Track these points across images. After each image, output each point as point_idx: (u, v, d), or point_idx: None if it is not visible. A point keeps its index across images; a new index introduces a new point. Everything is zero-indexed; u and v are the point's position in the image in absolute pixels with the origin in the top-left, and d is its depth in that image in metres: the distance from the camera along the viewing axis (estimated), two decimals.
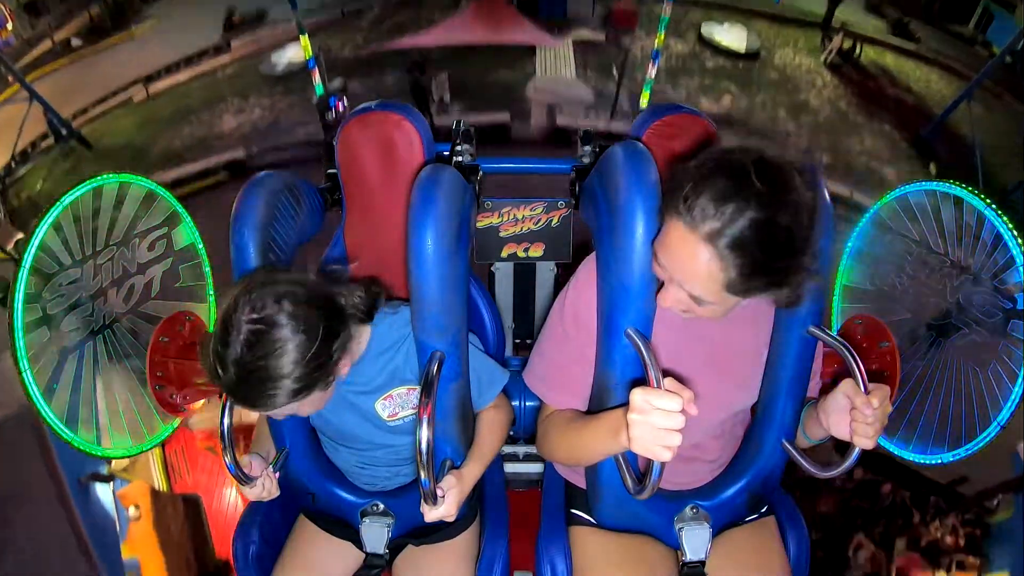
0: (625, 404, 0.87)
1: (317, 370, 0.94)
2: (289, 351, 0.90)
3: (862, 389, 0.95)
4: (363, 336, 1.08)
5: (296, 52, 5.99)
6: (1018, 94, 6.29)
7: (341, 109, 5.43)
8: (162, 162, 5.51)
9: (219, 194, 5.23)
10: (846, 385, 0.97)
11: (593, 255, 1.10)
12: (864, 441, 0.95)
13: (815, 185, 0.86)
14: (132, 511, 2.49)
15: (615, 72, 6.49)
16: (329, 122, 5.48)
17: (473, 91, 6.34)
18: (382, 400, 1.13)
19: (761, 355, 1.11)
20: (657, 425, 0.82)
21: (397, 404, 1.13)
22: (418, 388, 1.03)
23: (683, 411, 0.83)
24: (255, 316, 0.89)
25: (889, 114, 6.36)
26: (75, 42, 7.28)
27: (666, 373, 0.86)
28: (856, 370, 0.98)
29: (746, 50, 7.69)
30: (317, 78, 5.39)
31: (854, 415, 0.95)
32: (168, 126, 6.04)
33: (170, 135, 5.95)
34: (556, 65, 7.07)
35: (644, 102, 5.57)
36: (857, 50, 7.51)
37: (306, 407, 0.99)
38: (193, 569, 2.69)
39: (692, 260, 0.85)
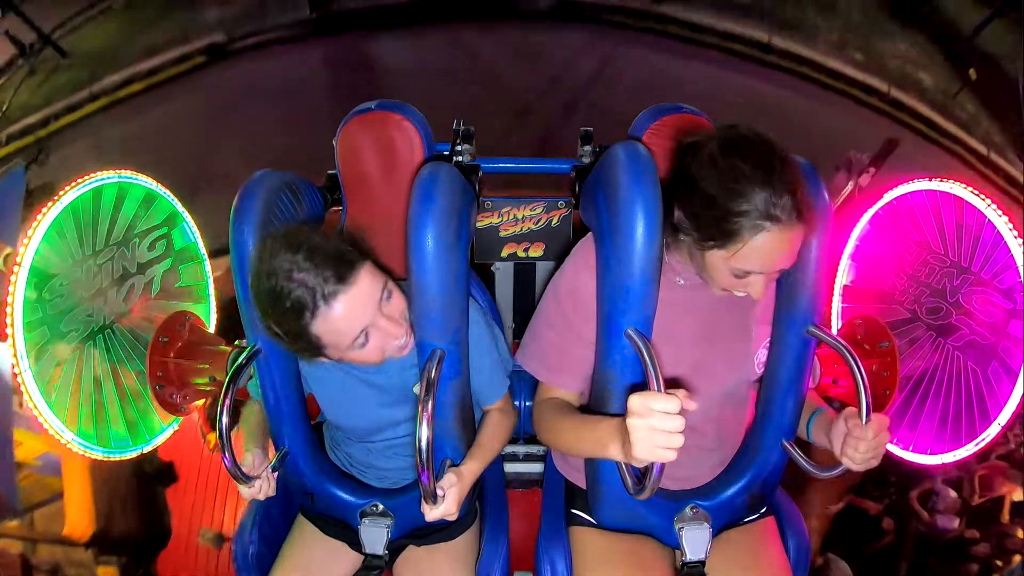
0: (623, 409, 0.87)
1: (355, 244, 1.00)
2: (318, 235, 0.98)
3: (863, 415, 0.98)
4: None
5: None
6: None
7: None
8: (140, 55, 5.07)
9: (198, 76, 4.94)
10: (848, 413, 1.01)
11: (590, 235, 1.10)
12: (850, 464, 0.99)
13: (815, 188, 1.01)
14: None
15: None
16: None
17: None
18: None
19: (750, 332, 1.12)
20: (657, 427, 0.83)
21: None
22: None
23: (682, 412, 0.83)
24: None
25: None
26: None
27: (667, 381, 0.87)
28: (856, 370, 1.00)
29: None
30: None
31: (847, 440, 0.99)
32: (148, 24, 5.43)
33: (149, 32, 5.36)
34: None
35: None
36: None
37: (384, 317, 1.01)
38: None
39: (794, 244, 0.94)
